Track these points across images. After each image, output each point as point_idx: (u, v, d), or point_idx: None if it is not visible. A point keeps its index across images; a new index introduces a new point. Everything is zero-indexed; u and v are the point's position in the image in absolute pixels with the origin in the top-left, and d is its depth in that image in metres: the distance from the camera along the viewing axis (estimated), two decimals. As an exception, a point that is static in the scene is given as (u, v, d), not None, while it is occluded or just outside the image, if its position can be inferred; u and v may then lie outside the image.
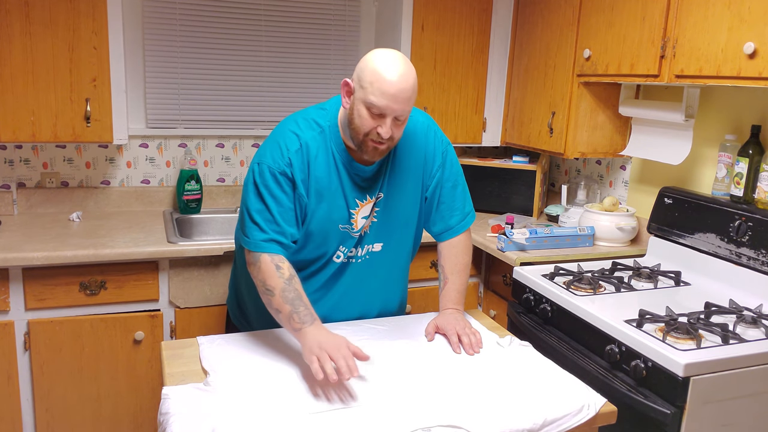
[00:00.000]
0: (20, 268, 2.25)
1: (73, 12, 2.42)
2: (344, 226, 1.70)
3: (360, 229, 1.72)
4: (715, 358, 1.67)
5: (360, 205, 1.70)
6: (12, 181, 2.76)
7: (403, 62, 1.54)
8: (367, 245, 1.76)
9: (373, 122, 1.54)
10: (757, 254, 2.08)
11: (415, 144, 1.76)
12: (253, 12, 3.01)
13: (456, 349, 1.65)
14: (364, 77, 1.53)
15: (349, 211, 1.69)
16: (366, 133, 1.56)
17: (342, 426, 1.29)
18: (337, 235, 1.70)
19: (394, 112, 1.53)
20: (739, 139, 2.25)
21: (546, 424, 1.34)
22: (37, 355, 2.31)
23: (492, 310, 2.81)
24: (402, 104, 1.53)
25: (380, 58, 1.54)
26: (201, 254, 2.43)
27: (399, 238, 1.81)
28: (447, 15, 2.94)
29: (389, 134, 1.55)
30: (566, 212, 2.88)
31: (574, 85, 2.64)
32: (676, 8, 2.11)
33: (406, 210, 1.78)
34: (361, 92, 1.54)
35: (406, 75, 1.52)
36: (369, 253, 1.77)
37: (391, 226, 1.77)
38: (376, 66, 1.52)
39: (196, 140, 3.03)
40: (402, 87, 1.51)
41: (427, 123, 1.81)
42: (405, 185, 1.76)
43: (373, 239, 1.76)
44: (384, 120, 1.54)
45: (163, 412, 1.34)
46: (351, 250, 1.75)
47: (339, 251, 1.73)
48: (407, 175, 1.76)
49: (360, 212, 1.71)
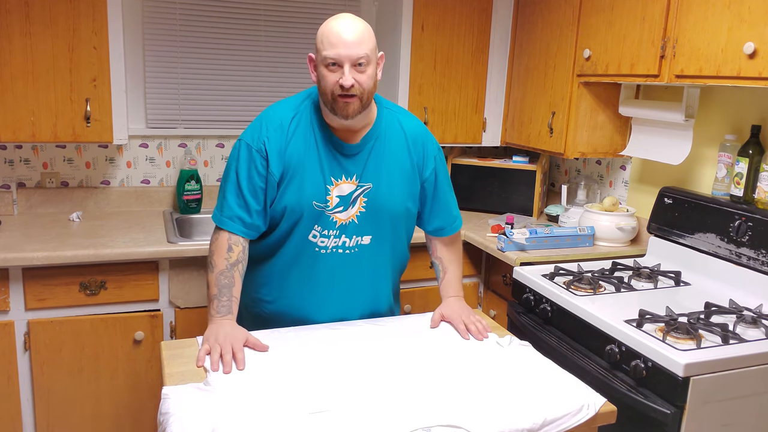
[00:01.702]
0: (20, 268, 2.25)
1: (73, 12, 2.42)
2: (319, 204, 1.70)
3: (337, 207, 1.72)
4: (715, 358, 1.67)
5: (335, 183, 1.71)
6: (12, 181, 2.77)
7: (351, 17, 1.62)
8: (355, 236, 1.75)
9: (334, 76, 1.59)
10: (757, 254, 2.08)
11: (408, 141, 1.80)
12: (252, 12, 3.01)
13: (465, 336, 1.72)
14: (317, 41, 1.62)
15: (325, 186, 1.70)
16: (332, 90, 1.61)
17: (342, 426, 1.29)
18: (311, 213, 1.70)
19: (348, 57, 1.58)
20: (739, 139, 2.25)
21: (546, 424, 1.34)
22: (37, 355, 2.31)
23: (492, 310, 2.81)
24: (353, 48, 1.57)
25: (329, 20, 1.63)
26: (201, 254, 2.43)
27: (389, 234, 1.81)
28: (447, 15, 2.94)
29: (350, 81, 1.58)
30: (566, 212, 2.88)
31: (574, 85, 2.64)
32: (676, 8, 2.11)
33: (396, 204, 1.79)
34: (318, 56, 1.62)
35: (353, 23, 1.60)
36: (358, 245, 1.77)
37: (379, 218, 1.77)
38: (324, 26, 1.62)
39: (196, 140, 3.03)
40: (349, 33, 1.58)
41: (422, 127, 1.86)
42: (395, 179, 1.77)
43: (362, 231, 1.76)
44: (341, 69, 1.59)
45: (163, 412, 1.34)
46: (333, 238, 1.73)
47: (314, 230, 1.72)
48: (398, 169, 1.78)
49: (336, 190, 1.71)
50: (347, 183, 1.72)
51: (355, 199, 1.73)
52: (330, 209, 1.71)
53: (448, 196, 1.91)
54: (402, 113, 1.84)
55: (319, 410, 1.34)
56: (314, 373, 1.50)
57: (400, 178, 1.78)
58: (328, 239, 1.74)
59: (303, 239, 1.73)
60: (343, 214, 1.73)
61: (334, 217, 1.72)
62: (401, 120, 1.81)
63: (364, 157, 1.73)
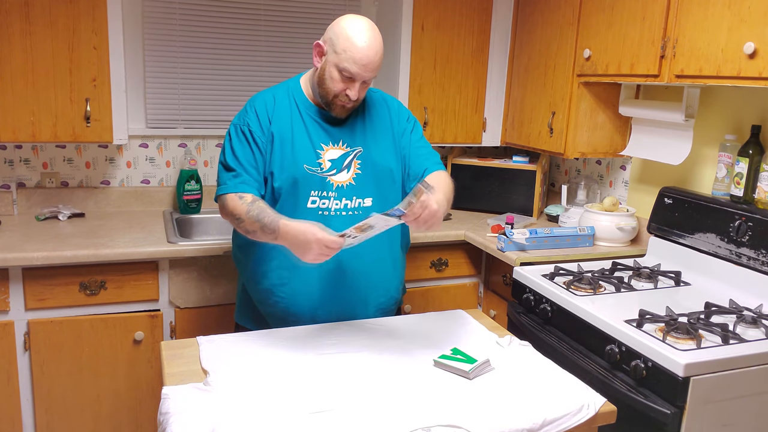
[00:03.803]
0: (20, 268, 2.25)
1: (73, 12, 2.42)
2: (311, 167, 1.80)
3: (331, 170, 1.81)
4: (715, 358, 1.67)
5: (325, 149, 1.83)
6: (12, 181, 2.77)
7: (374, 32, 1.73)
8: (356, 197, 1.84)
9: (343, 85, 1.73)
10: (757, 254, 2.08)
11: (383, 106, 1.96)
12: (252, 12, 3.01)
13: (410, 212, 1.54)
14: (337, 43, 1.71)
15: (315, 151, 1.81)
16: (336, 94, 1.75)
17: (341, 426, 1.29)
18: (305, 177, 1.79)
19: (364, 77, 1.73)
20: (739, 139, 2.25)
21: (546, 424, 1.34)
22: (37, 355, 2.31)
23: (492, 310, 2.81)
24: (371, 72, 1.73)
25: (352, 27, 1.71)
26: (201, 254, 2.43)
27: (387, 194, 1.89)
28: (447, 15, 2.94)
29: (356, 96, 1.75)
30: (566, 212, 2.88)
31: (574, 85, 2.64)
32: (676, 8, 2.11)
33: (388, 162, 1.89)
34: (335, 57, 1.72)
35: (375, 46, 1.71)
36: (361, 207, 1.84)
37: (376, 178, 1.86)
38: (349, 35, 1.70)
39: (196, 140, 3.03)
40: (372, 58, 1.71)
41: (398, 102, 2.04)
42: (384, 143, 1.90)
43: (362, 192, 1.84)
44: (354, 83, 1.73)
45: (163, 412, 1.34)
46: (334, 200, 1.80)
47: (313, 195, 1.80)
48: (383, 134, 1.91)
49: (327, 154, 1.82)
50: (336, 149, 1.84)
51: (348, 163, 1.84)
52: (323, 171, 1.81)
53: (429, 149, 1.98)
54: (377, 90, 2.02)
55: (319, 410, 1.34)
56: (314, 373, 1.50)
57: (387, 143, 1.91)
58: (329, 200, 1.81)
59: (303, 209, 1.79)
60: (338, 176, 1.82)
61: (331, 180, 1.82)
62: (383, 96, 1.99)
63: (350, 124, 1.87)
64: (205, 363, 1.53)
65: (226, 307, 2.52)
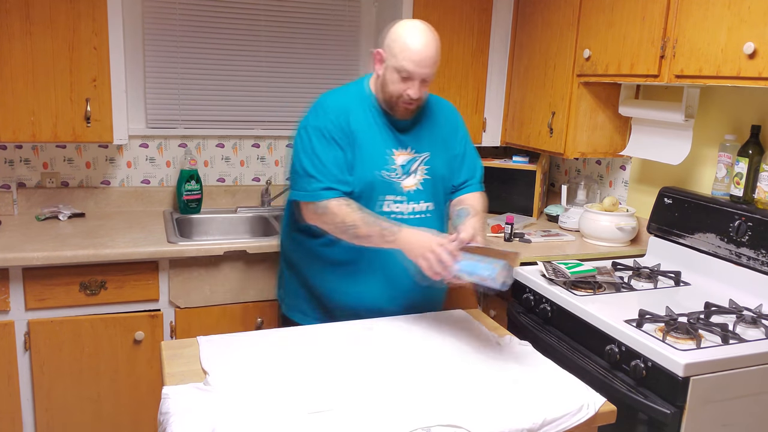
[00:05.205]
0: (20, 268, 2.25)
1: (73, 12, 2.42)
2: (386, 173, 1.87)
3: (403, 175, 1.89)
4: (715, 358, 1.67)
5: (396, 153, 1.89)
6: (12, 181, 2.77)
7: (429, 31, 1.80)
8: (423, 201, 1.92)
9: (403, 85, 1.80)
10: (757, 254, 2.08)
11: (446, 114, 2.04)
12: (252, 12, 3.01)
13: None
14: (394, 47, 1.79)
15: (389, 157, 1.88)
16: (398, 95, 1.81)
17: (341, 426, 1.29)
18: (381, 183, 1.86)
19: (421, 75, 1.78)
20: (739, 139, 2.25)
21: (545, 424, 1.34)
22: (37, 355, 2.31)
23: (492, 310, 2.81)
24: (428, 68, 1.78)
25: (409, 29, 1.79)
26: (201, 254, 2.43)
27: (441, 199, 1.99)
28: (447, 15, 2.94)
29: (418, 94, 1.80)
30: (566, 212, 2.88)
31: (574, 85, 2.64)
32: (676, 8, 2.11)
33: (445, 169, 1.98)
34: (393, 60, 1.79)
35: (430, 43, 1.78)
36: (428, 211, 1.93)
37: (437, 185, 1.96)
38: (405, 37, 1.78)
39: (196, 140, 3.03)
40: (427, 54, 1.77)
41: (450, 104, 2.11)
42: (442, 148, 1.98)
43: (427, 197, 1.93)
44: (413, 82, 1.79)
45: (163, 412, 1.34)
46: (404, 203, 1.87)
47: (386, 200, 1.86)
48: (441, 139, 1.98)
49: (398, 159, 1.89)
50: (404, 153, 1.90)
51: (416, 168, 1.91)
52: (398, 176, 1.88)
53: (477, 160, 2.09)
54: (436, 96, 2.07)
55: (319, 410, 1.34)
56: (314, 373, 1.50)
57: (445, 148, 1.99)
58: (400, 204, 1.88)
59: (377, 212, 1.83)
60: (407, 181, 1.90)
61: (402, 185, 1.89)
62: (440, 100, 2.06)
63: (416, 130, 1.93)
64: (205, 363, 1.53)
65: (226, 307, 2.52)
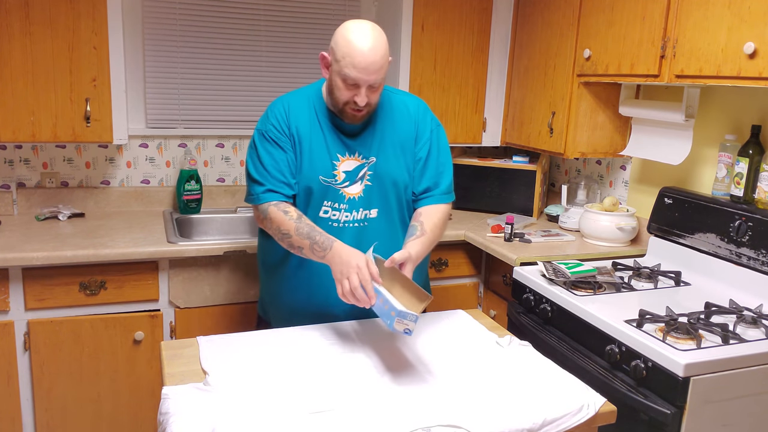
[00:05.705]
0: (20, 268, 2.25)
1: (72, 12, 2.42)
2: (327, 179, 1.81)
3: (345, 182, 1.82)
4: (715, 358, 1.67)
5: (341, 159, 1.83)
6: (12, 181, 2.76)
7: (373, 34, 1.67)
8: (362, 209, 1.85)
9: (349, 92, 1.71)
10: (757, 254, 2.08)
11: (406, 117, 1.91)
12: (252, 12, 3.01)
13: None
14: (337, 51, 1.69)
15: (332, 162, 1.82)
16: (345, 102, 1.73)
17: (342, 426, 1.29)
18: (320, 188, 1.81)
19: (367, 82, 1.68)
20: (739, 139, 2.25)
21: (545, 424, 1.34)
22: (37, 355, 2.31)
23: (492, 310, 2.81)
24: (373, 75, 1.68)
25: (351, 32, 1.67)
26: (201, 254, 2.43)
27: (395, 206, 1.90)
28: (447, 15, 2.94)
29: (365, 101, 1.71)
30: (566, 212, 2.88)
31: (574, 85, 2.64)
32: (676, 8, 2.11)
33: (398, 175, 1.88)
34: (336, 65, 1.69)
35: (375, 47, 1.66)
36: (367, 219, 1.85)
37: (384, 190, 1.86)
38: (347, 41, 1.67)
39: (196, 140, 3.03)
40: (372, 60, 1.66)
41: (420, 103, 1.97)
42: (397, 153, 1.88)
43: (369, 204, 1.85)
44: (359, 90, 1.69)
45: (163, 412, 1.34)
46: (344, 212, 1.82)
47: (325, 206, 1.81)
48: (399, 144, 1.88)
49: (342, 166, 1.82)
50: (351, 159, 1.84)
51: (362, 175, 1.84)
52: (338, 183, 1.82)
53: (443, 167, 1.93)
54: (405, 94, 2.00)
55: (319, 410, 1.34)
56: (314, 373, 1.50)
57: (402, 152, 1.88)
58: (339, 212, 1.82)
59: (314, 218, 1.81)
60: (351, 189, 1.83)
61: (344, 192, 1.83)
62: (405, 100, 1.94)
63: (366, 134, 1.85)
64: (205, 363, 1.53)
65: (226, 307, 2.52)
